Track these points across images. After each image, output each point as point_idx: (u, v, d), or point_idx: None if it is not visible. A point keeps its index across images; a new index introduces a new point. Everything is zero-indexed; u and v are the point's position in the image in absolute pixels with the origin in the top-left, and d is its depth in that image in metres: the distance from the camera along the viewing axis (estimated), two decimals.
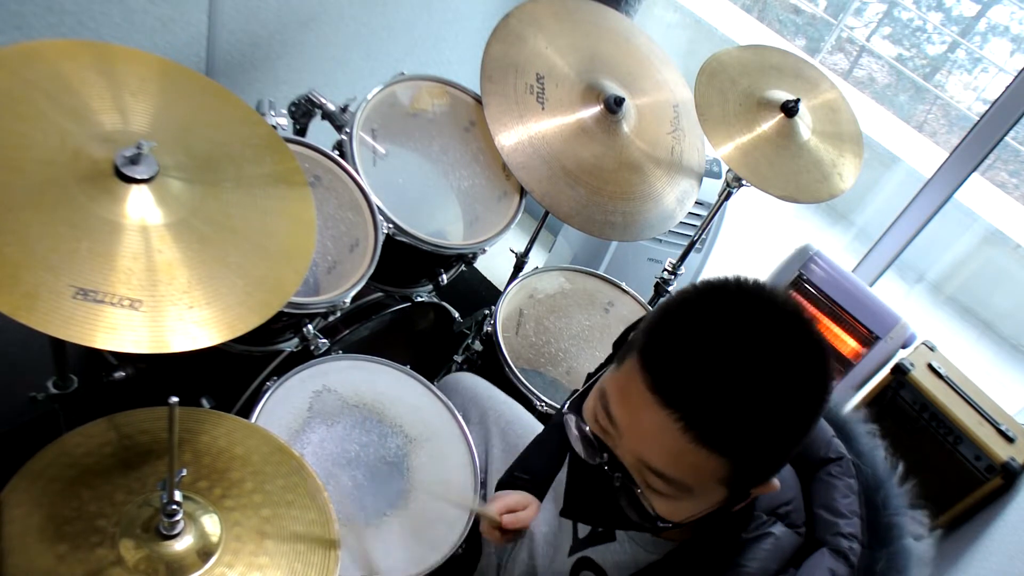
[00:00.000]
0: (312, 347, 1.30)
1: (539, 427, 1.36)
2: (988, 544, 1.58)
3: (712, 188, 1.88)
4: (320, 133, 1.46)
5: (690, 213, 1.69)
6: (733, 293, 0.66)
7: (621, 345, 1.11)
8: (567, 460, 0.81)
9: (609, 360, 1.11)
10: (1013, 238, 3.69)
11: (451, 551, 1.17)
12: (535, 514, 1.06)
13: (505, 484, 1.14)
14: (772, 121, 1.54)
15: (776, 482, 0.71)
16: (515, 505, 1.06)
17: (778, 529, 0.75)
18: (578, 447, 0.75)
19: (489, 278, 2.52)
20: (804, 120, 1.57)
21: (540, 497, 1.09)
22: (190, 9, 1.43)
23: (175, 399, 0.69)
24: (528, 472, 1.13)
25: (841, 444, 0.80)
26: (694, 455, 0.64)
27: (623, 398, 0.68)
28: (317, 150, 1.33)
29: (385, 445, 1.27)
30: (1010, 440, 1.75)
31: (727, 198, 1.69)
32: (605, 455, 0.71)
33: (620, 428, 0.69)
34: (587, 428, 0.73)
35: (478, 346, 1.68)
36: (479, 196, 1.62)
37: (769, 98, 1.56)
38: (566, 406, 0.78)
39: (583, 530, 0.92)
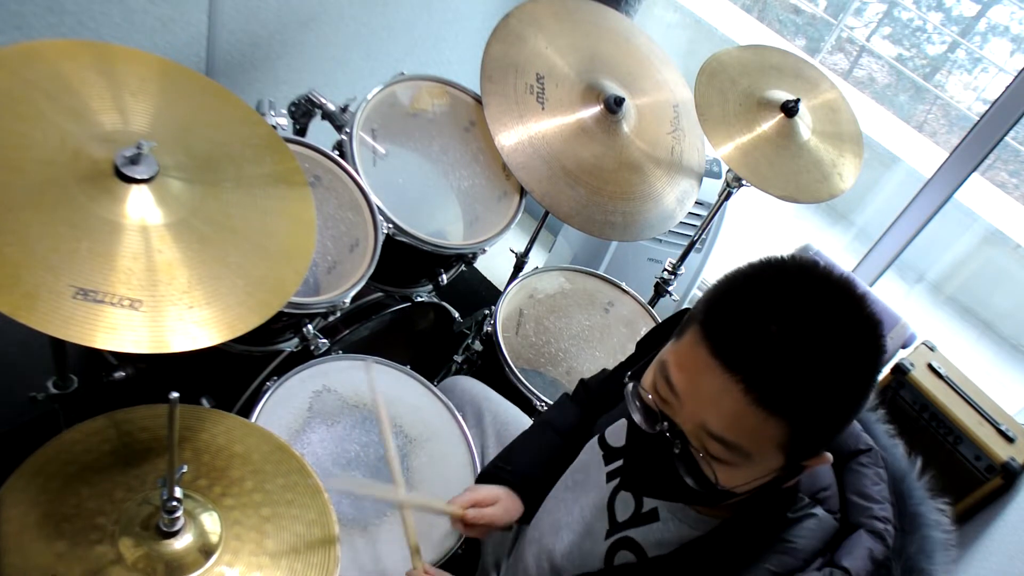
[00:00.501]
0: (312, 347, 1.30)
1: None
2: (988, 544, 1.58)
3: (712, 188, 1.88)
4: (320, 133, 1.46)
5: (690, 213, 1.69)
6: (791, 267, 0.69)
7: (644, 344, 1.11)
8: (626, 433, 0.83)
9: (633, 358, 1.11)
10: (1013, 238, 3.69)
11: (451, 551, 1.17)
12: (505, 513, 1.06)
13: (487, 474, 1.14)
14: (772, 121, 1.54)
15: (828, 455, 0.74)
16: (483, 500, 1.06)
17: (819, 512, 0.78)
18: (637, 416, 0.77)
19: (489, 278, 2.52)
20: (804, 120, 1.57)
21: (519, 489, 1.09)
22: (190, 9, 1.43)
23: (175, 395, 0.69)
24: (510, 463, 1.13)
25: (869, 437, 0.83)
26: (754, 417, 0.66)
27: (684, 365, 0.71)
28: (317, 150, 1.33)
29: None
30: (1010, 440, 1.75)
31: (727, 198, 1.69)
32: (665, 423, 0.74)
33: (681, 395, 0.71)
34: (648, 396, 0.75)
35: (478, 346, 1.68)
36: (479, 196, 1.62)
37: (769, 98, 1.56)
38: (628, 376, 0.80)
39: (623, 513, 0.93)
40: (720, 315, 0.69)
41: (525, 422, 1.39)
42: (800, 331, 0.65)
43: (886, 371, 1.90)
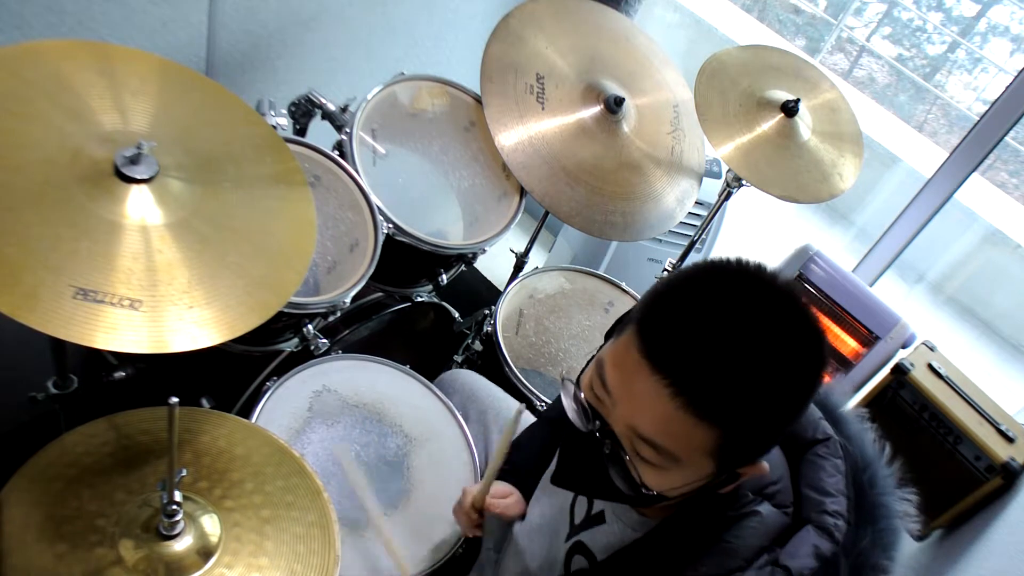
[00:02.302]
0: (312, 347, 1.30)
1: None
2: (988, 544, 1.57)
3: (712, 188, 1.87)
4: (320, 133, 1.46)
5: (690, 213, 1.69)
6: (733, 270, 0.67)
7: (610, 336, 1.11)
8: (563, 430, 0.82)
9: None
10: (1013, 238, 3.69)
11: (451, 551, 1.17)
12: (515, 504, 1.07)
13: None
14: (772, 121, 1.54)
15: (765, 465, 0.72)
16: (496, 492, 1.06)
17: (764, 508, 0.76)
18: (571, 414, 0.76)
19: (489, 278, 2.52)
20: (804, 120, 1.57)
21: (522, 488, 1.09)
22: (190, 9, 1.43)
23: (175, 399, 0.69)
24: (510, 463, 1.13)
25: (829, 426, 0.81)
26: (683, 423, 0.65)
27: (618, 365, 0.70)
28: (317, 150, 1.33)
29: (385, 445, 1.27)
30: (1010, 440, 1.75)
31: (727, 198, 1.69)
32: (597, 423, 0.73)
33: (613, 395, 0.70)
34: (582, 395, 0.74)
35: (478, 346, 1.68)
36: (479, 196, 1.62)
37: (769, 98, 1.56)
38: (562, 376, 0.80)
39: (578, 515, 0.93)
40: (655, 316, 0.67)
41: (527, 417, 1.39)
42: (735, 336, 0.63)
43: (886, 371, 1.90)
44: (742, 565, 0.73)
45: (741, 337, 0.63)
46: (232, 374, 1.37)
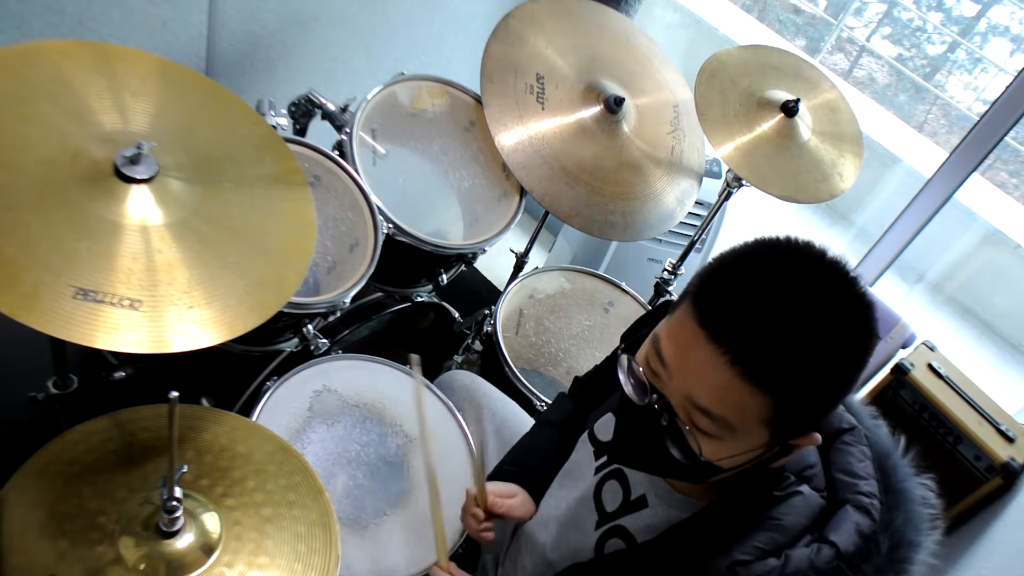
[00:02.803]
0: (312, 347, 1.30)
1: None
2: (988, 544, 1.58)
3: (712, 188, 1.87)
4: (320, 133, 1.46)
5: (690, 213, 1.69)
6: (785, 246, 0.70)
7: (628, 338, 1.11)
8: (616, 406, 0.84)
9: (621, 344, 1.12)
10: (1013, 238, 3.69)
11: (451, 551, 1.17)
12: (521, 505, 1.07)
13: (494, 477, 1.14)
14: (772, 121, 1.54)
15: (817, 436, 0.74)
16: (501, 493, 1.06)
17: (805, 489, 0.79)
18: (628, 388, 0.77)
19: (489, 278, 2.52)
20: (804, 120, 1.57)
21: (529, 487, 1.09)
22: (190, 9, 1.43)
23: (175, 394, 0.69)
24: (515, 464, 1.14)
25: (851, 417, 0.84)
26: (739, 391, 0.67)
27: (675, 337, 0.72)
28: (317, 150, 1.33)
29: (385, 445, 1.27)
30: (1010, 440, 1.75)
31: (727, 198, 1.69)
32: (655, 396, 0.74)
33: (670, 367, 0.72)
34: (639, 369, 0.76)
35: (478, 346, 1.68)
36: (479, 196, 1.62)
37: (769, 98, 1.56)
38: (621, 348, 0.81)
39: (612, 503, 0.93)
40: (711, 289, 0.70)
41: (524, 417, 1.39)
42: (789, 308, 0.66)
43: (886, 371, 1.90)
44: (790, 542, 0.75)
45: (795, 308, 0.66)
46: (232, 374, 1.37)
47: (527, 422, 1.38)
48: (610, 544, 0.92)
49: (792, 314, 0.65)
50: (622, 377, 0.78)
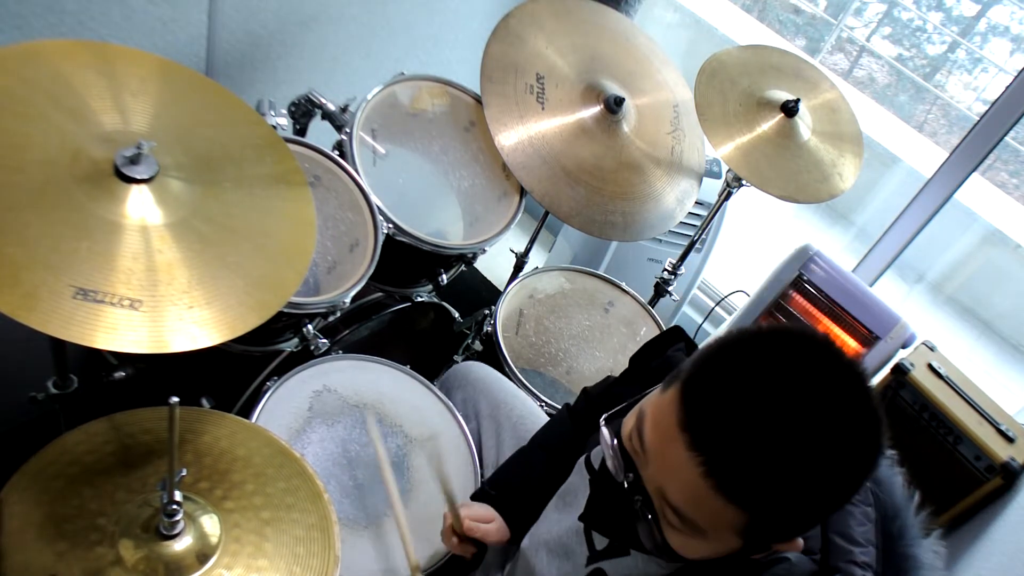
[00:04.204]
0: (312, 347, 1.30)
1: None
2: (988, 544, 1.58)
3: (712, 188, 1.87)
4: (320, 133, 1.46)
5: (690, 213, 1.69)
6: (791, 341, 0.63)
7: (638, 360, 1.10)
8: (592, 469, 0.81)
9: (627, 374, 1.10)
10: (1013, 238, 3.69)
11: (451, 552, 1.17)
12: (496, 531, 1.06)
13: (476, 497, 1.15)
14: (772, 121, 1.54)
15: (800, 542, 0.70)
16: (478, 517, 1.06)
17: (793, 556, 0.74)
18: (609, 460, 0.74)
19: (489, 278, 2.52)
20: (804, 120, 1.57)
21: (505, 513, 1.09)
22: (190, 9, 1.43)
23: (175, 399, 0.69)
24: (496, 488, 1.13)
25: None
26: (712, 501, 0.63)
27: (656, 426, 0.68)
28: (317, 150, 1.33)
29: (385, 445, 1.27)
30: (1010, 440, 1.75)
31: (727, 198, 1.69)
32: (631, 475, 0.71)
33: (648, 454, 0.69)
34: (619, 444, 0.73)
35: (478, 346, 1.68)
36: (479, 196, 1.62)
37: (769, 98, 1.56)
38: (603, 417, 0.77)
39: (600, 542, 0.91)
40: (701, 384, 0.64)
41: (540, 415, 1.37)
42: (780, 422, 0.59)
43: (886, 371, 1.90)
44: None
45: (787, 423, 0.59)
46: (232, 374, 1.37)
47: (543, 420, 1.36)
48: None
49: (782, 430, 0.59)
50: (603, 444, 0.75)
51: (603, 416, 0.78)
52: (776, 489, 0.61)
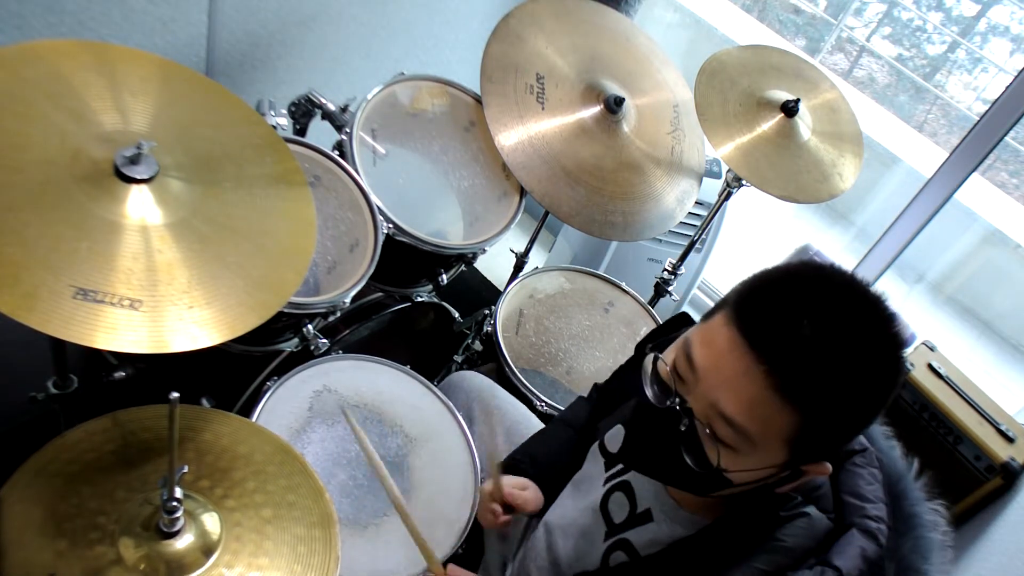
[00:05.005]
0: (312, 347, 1.30)
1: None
2: (988, 544, 1.58)
3: (712, 188, 1.87)
4: (320, 133, 1.46)
5: (690, 213, 1.69)
6: (831, 273, 0.71)
7: (642, 348, 1.11)
8: (631, 408, 0.83)
9: (632, 362, 1.11)
10: (1013, 238, 3.69)
11: (451, 551, 1.17)
12: (534, 498, 1.07)
13: (508, 466, 1.14)
14: (772, 121, 1.54)
15: (828, 466, 0.74)
16: (516, 484, 1.06)
17: (812, 511, 0.78)
18: (650, 390, 0.77)
19: (489, 278, 2.52)
20: (804, 120, 1.57)
21: (540, 481, 1.09)
22: (190, 9, 1.43)
23: (176, 395, 0.69)
24: (528, 457, 1.14)
25: (864, 438, 0.83)
26: (769, 404, 0.67)
27: (709, 343, 0.72)
28: (317, 150, 1.33)
29: (385, 445, 1.27)
30: (1010, 440, 1.75)
31: (727, 198, 1.69)
32: (676, 399, 0.74)
33: (699, 372, 0.72)
34: (666, 369, 0.76)
35: (478, 346, 1.68)
36: (479, 196, 1.62)
37: (769, 98, 1.56)
38: (648, 348, 0.81)
39: (619, 515, 0.93)
40: (755, 302, 0.70)
41: (533, 420, 1.39)
42: (830, 332, 0.66)
43: None
44: (793, 564, 0.75)
45: (836, 333, 0.66)
46: (232, 374, 1.37)
47: (536, 424, 1.38)
48: (615, 557, 0.91)
49: (833, 338, 0.66)
50: (645, 378, 0.78)
51: (646, 347, 0.81)
52: (828, 388, 0.67)
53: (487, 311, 1.75)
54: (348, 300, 1.25)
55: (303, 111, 1.44)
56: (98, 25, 1.32)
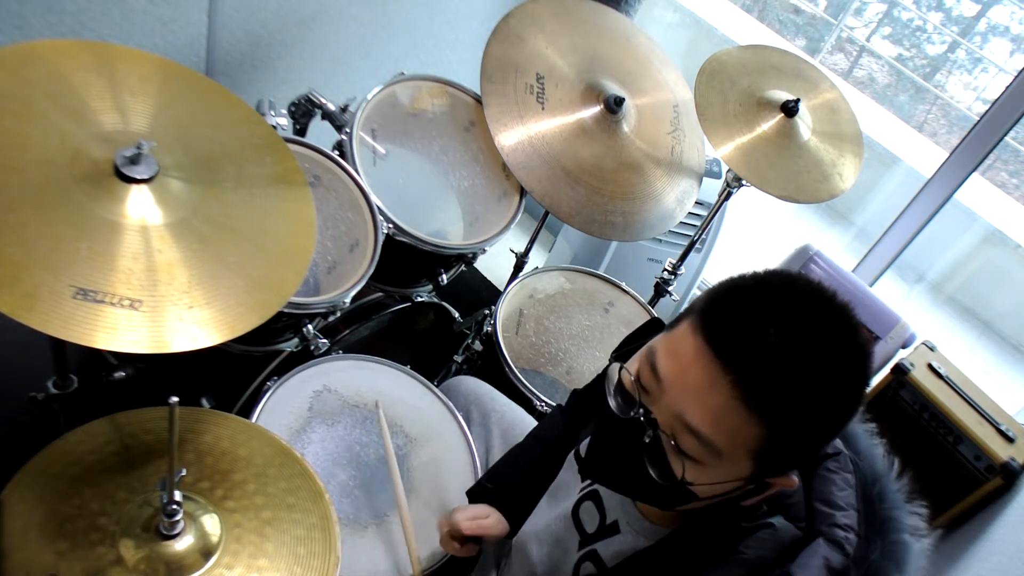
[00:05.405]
0: (312, 347, 1.30)
1: None
2: (988, 544, 1.58)
3: (712, 188, 1.88)
4: (320, 133, 1.46)
5: (690, 213, 1.69)
6: (797, 282, 0.70)
7: (623, 348, 1.11)
8: (595, 420, 0.82)
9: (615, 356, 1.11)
10: (1013, 238, 3.69)
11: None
12: (495, 525, 1.07)
13: (473, 493, 1.15)
14: (772, 121, 1.54)
15: (795, 479, 0.73)
16: (475, 515, 1.07)
17: (778, 521, 0.77)
18: (613, 402, 0.76)
19: (489, 278, 2.52)
20: (804, 120, 1.57)
21: (503, 507, 1.10)
22: (190, 9, 1.43)
23: (175, 399, 0.69)
24: (493, 482, 1.14)
25: (839, 441, 0.81)
26: (735, 416, 0.66)
27: (675, 353, 0.70)
28: (317, 150, 1.33)
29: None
30: (1010, 440, 1.75)
31: (727, 198, 1.69)
32: (640, 410, 0.73)
33: (664, 382, 0.70)
34: (630, 379, 0.74)
35: (478, 346, 1.68)
36: (479, 196, 1.62)
37: (769, 98, 1.56)
38: (613, 358, 0.80)
39: (590, 525, 0.92)
40: (721, 311, 0.69)
41: (529, 421, 1.39)
42: (797, 342, 0.65)
43: (886, 371, 1.90)
44: None
45: (803, 344, 0.65)
46: (232, 374, 1.37)
47: (531, 425, 1.38)
48: (584, 567, 0.91)
49: (800, 350, 0.65)
50: (608, 388, 0.77)
51: (611, 357, 0.80)
52: (794, 400, 0.65)
53: (487, 311, 1.75)
54: (348, 300, 1.25)
55: (303, 111, 1.44)
56: (98, 25, 1.32)
